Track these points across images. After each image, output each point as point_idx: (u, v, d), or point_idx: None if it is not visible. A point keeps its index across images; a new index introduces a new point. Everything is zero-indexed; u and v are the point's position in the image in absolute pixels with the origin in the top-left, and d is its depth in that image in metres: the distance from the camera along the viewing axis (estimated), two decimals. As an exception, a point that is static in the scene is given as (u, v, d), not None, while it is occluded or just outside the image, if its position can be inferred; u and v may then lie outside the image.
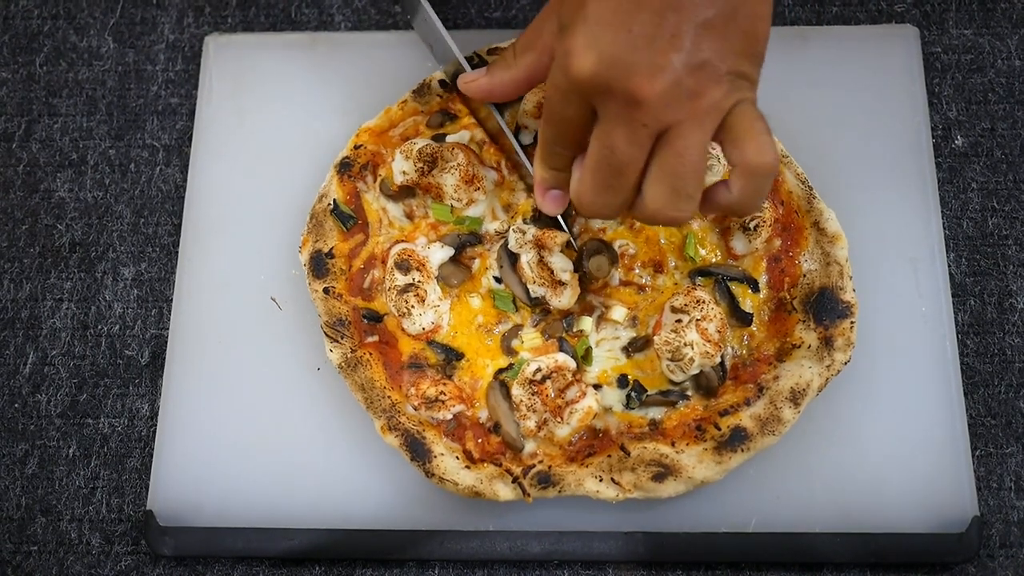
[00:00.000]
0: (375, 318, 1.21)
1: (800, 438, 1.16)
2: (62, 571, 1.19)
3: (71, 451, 1.24)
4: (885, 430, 1.18)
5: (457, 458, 1.14)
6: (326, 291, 1.21)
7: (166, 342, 1.26)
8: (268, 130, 1.34)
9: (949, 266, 1.27)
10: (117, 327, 1.29)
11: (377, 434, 1.16)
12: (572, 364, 1.16)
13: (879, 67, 1.33)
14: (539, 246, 1.19)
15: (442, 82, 1.28)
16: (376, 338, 1.20)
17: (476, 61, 1.27)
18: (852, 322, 1.16)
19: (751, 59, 0.95)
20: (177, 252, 1.30)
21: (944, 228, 1.27)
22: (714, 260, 1.22)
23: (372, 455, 1.18)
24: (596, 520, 1.15)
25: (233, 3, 1.44)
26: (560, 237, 1.19)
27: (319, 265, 1.22)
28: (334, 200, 1.24)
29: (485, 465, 1.14)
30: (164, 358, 1.25)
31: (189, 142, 1.36)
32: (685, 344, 1.14)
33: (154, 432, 1.23)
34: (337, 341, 1.19)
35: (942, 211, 1.28)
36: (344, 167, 1.25)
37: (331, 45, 1.38)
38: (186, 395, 1.23)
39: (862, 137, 1.29)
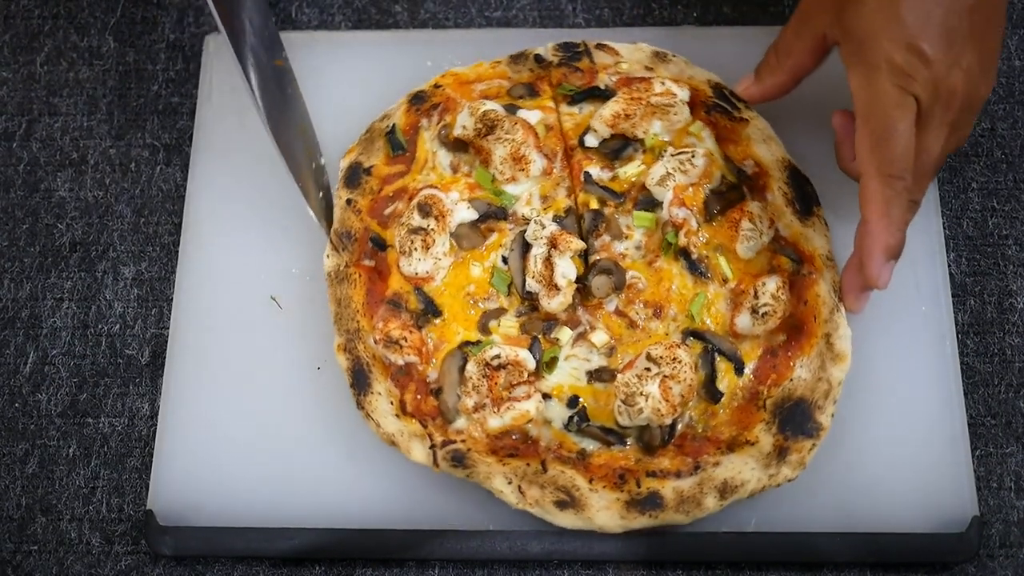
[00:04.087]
0: (381, 245, 1.22)
1: (800, 438, 1.16)
2: (62, 571, 1.19)
3: (71, 451, 1.24)
4: (885, 430, 1.18)
5: (391, 403, 1.15)
6: (348, 202, 1.23)
7: (166, 342, 1.26)
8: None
9: (949, 266, 1.27)
10: (117, 326, 1.29)
11: (377, 434, 1.17)
12: (530, 364, 1.16)
13: (879, 67, 1.33)
14: (552, 244, 1.19)
15: (538, 57, 1.28)
16: (373, 263, 1.21)
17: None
18: (814, 444, 1.11)
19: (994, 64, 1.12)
20: (177, 252, 1.30)
21: (944, 228, 1.27)
22: (713, 328, 1.18)
23: (372, 455, 1.18)
24: (596, 520, 1.15)
25: (233, 3, 1.44)
26: (575, 244, 1.19)
27: (354, 176, 1.24)
28: (393, 124, 1.26)
29: (413, 420, 1.15)
30: (164, 358, 1.25)
31: (189, 142, 1.36)
32: (641, 393, 1.12)
33: (154, 432, 1.23)
34: (337, 251, 1.21)
35: (942, 211, 1.28)
36: (417, 99, 1.27)
37: (331, 45, 1.38)
38: (186, 395, 1.23)
39: (862, 137, 1.29)
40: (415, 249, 1.20)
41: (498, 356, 1.15)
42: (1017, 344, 1.24)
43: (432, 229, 1.20)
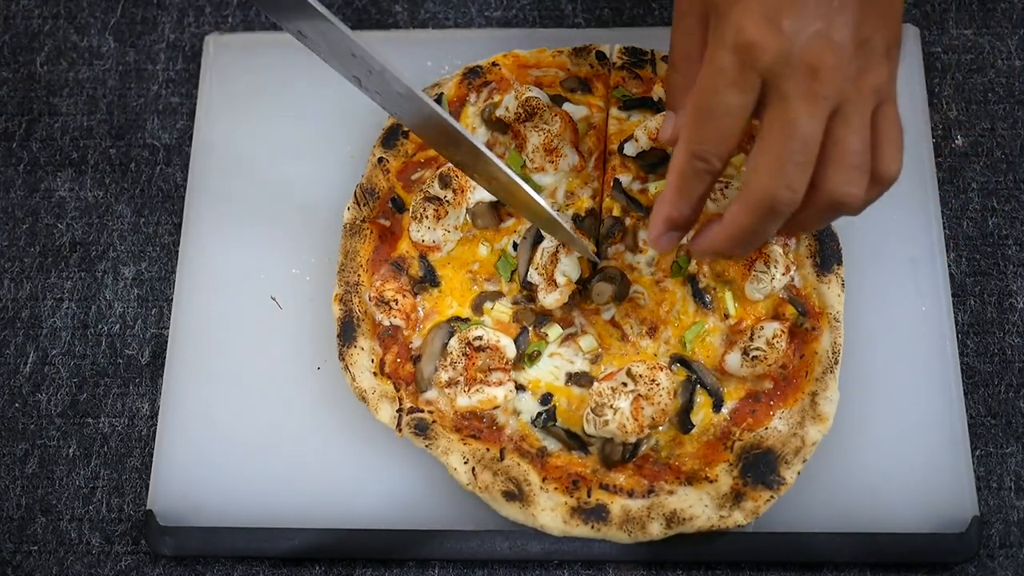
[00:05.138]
0: (400, 208, 1.24)
1: (800, 438, 1.16)
2: (62, 571, 1.19)
3: (71, 451, 1.24)
4: (885, 430, 1.18)
5: (372, 360, 1.18)
6: (380, 160, 1.25)
7: (166, 342, 1.26)
8: (268, 130, 1.34)
9: (949, 266, 1.27)
10: (117, 326, 1.29)
11: (377, 434, 1.17)
12: (510, 353, 1.17)
13: (879, 67, 1.32)
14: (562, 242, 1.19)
15: (600, 54, 1.29)
16: (388, 223, 1.24)
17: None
18: (772, 497, 1.10)
19: (896, 47, 0.95)
20: (177, 252, 1.30)
21: (944, 228, 1.27)
22: (702, 360, 1.17)
23: (372, 455, 1.19)
24: (596, 520, 1.15)
25: (233, 3, 1.44)
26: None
27: (392, 137, 1.27)
28: (442, 94, 1.27)
29: (387, 382, 1.17)
30: (164, 358, 1.25)
31: (189, 141, 1.36)
32: (611, 406, 1.12)
33: (154, 432, 1.23)
34: (359, 205, 1.23)
35: (942, 211, 1.28)
36: (472, 73, 1.29)
37: (331, 45, 1.38)
38: (186, 395, 1.23)
39: (862, 137, 1.29)
40: (426, 217, 1.21)
41: (480, 338, 1.16)
42: (1017, 344, 1.24)
43: (448, 201, 1.21)
